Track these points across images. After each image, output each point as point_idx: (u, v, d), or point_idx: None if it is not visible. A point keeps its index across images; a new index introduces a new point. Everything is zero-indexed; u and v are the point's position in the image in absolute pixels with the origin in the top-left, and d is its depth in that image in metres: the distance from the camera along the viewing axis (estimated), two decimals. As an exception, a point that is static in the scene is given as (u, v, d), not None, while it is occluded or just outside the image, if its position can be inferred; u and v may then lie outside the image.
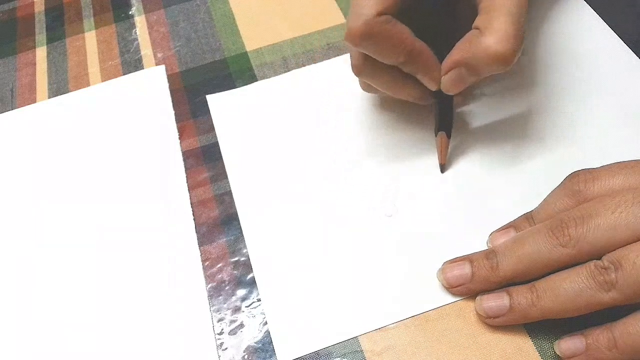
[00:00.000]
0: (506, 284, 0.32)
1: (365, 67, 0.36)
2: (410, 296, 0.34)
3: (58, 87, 0.48)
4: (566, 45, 0.43)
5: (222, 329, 0.35)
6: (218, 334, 0.35)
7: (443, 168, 0.39)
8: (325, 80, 0.45)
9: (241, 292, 0.36)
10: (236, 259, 0.37)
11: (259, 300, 0.35)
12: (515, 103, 0.41)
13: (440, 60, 0.36)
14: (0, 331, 0.36)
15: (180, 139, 0.43)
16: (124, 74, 0.48)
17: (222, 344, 0.34)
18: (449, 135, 0.38)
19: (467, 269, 0.33)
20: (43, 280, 0.38)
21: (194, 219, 0.39)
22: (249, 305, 0.36)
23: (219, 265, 0.37)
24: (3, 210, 0.41)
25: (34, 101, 0.48)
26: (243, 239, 0.38)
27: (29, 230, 0.40)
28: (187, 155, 0.42)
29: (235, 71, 0.47)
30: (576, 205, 0.31)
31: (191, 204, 0.40)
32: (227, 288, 0.36)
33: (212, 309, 0.36)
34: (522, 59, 0.33)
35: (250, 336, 0.34)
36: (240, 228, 0.38)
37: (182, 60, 0.48)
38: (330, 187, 0.39)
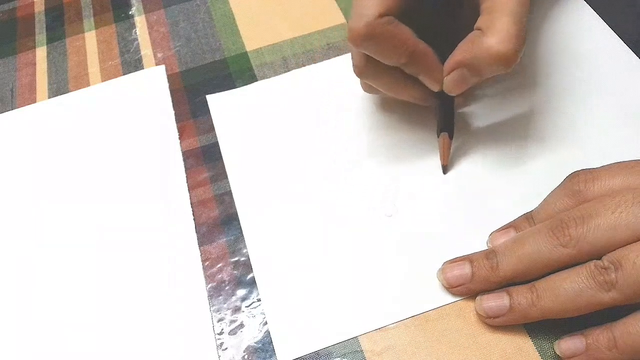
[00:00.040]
0: (506, 284, 0.32)
1: (367, 68, 0.36)
2: (410, 296, 0.34)
3: (58, 87, 0.48)
4: (566, 45, 0.43)
5: (222, 329, 0.35)
6: (218, 334, 0.35)
7: (445, 169, 0.39)
8: (325, 80, 0.45)
9: (241, 292, 0.36)
10: (236, 259, 0.37)
11: (259, 300, 0.35)
12: (516, 103, 0.41)
13: (442, 61, 0.36)
14: (0, 331, 0.36)
15: (180, 139, 0.43)
16: (124, 74, 0.48)
17: (222, 344, 0.34)
18: (451, 136, 0.38)
19: (467, 269, 0.33)
20: (43, 280, 0.38)
21: (194, 219, 0.39)
22: (249, 305, 0.36)
23: (219, 265, 0.37)
24: (3, 210, 0.42)
25: (34, 101, 0.48)
26: (243, 239, 0.38)
27: (29, 230, 0.40)
28: (187, 155, 0.42)
29: (235, 71, 0.47)
30: (576, 206, 0.31)
31: (191, 204, 0.40)
32: (227, 288, 0.36)
33: (212, 309, 0.36)
34: (522, 59, 0.33)
35: (250, 336, 0.34)
36: (240, 228, 0.38)
37: (182, 60, 0.48)
38: (330, 187, 0.39)
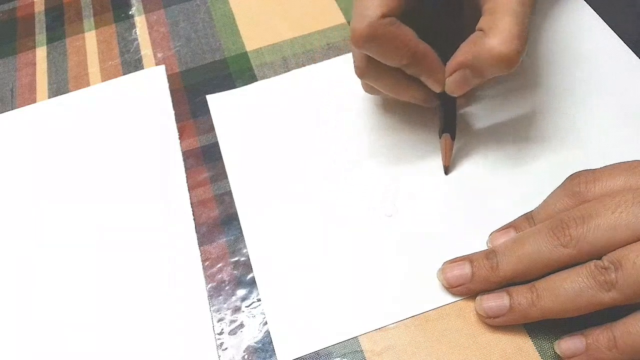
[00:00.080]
0: (506, 284, 0.32)
1: (369, 69, 0.36)
2: (410, 296, 0.34)
3: (58, 87, 0.48)
4: (566, 46, 0.43)
5: (222, 329, 0.35)
6: (218, 334, 0.35)
7: (447, 170, 0.39)
8: (326, 80, 0.45)
9: (241, 292, 0.36)
10: (236, 259, 0.37)
11: (259, 300, 0.35)
12: (517, 104, 0.41)
13: (444, 62, 0.35)
14: (0, 331, 0.36)
15: (180, 139, 0.43)
16: (124, 74, 0.48)
17: (222, 344, 0.34)
18: (453, 137, 0.38)
19: (467, 269, 0.33)
20: (43, 280, 0.38)
21: (194, 219, 0.39)
22: (249, 305, 0.36)
23: (219, 265, 0.37)
24: (3, 210, 0.41)
25: (34, 101, 0.48)
26: (243, 239, 0.38)
27: (29, 230, 0.40)
28: (187, 155, 0.42)
29: (235, 71, 0.47)
30: (576, 206, 0.31)
31: (191, 204, 0.40)
32: (227, 288, 0.36)
33: (212, 309, 0.36)
34: (523, 60, 0.33)
35: (250, 336, 0.34)
36: (240, 228, 0.38)
37: (182, 60, 0.48)
38: (330, 187, 0.39)
